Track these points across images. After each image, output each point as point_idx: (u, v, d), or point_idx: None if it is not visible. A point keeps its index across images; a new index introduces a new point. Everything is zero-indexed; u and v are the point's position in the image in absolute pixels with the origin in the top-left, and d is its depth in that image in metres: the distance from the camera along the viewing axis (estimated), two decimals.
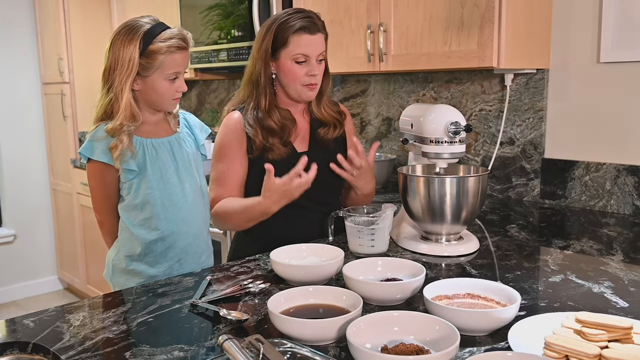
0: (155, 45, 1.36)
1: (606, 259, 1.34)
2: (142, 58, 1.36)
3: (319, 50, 1.54)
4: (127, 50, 1.36)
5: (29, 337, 0.99)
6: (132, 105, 1.38)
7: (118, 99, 1.37)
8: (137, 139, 1.42)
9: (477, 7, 1.71)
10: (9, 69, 3.79)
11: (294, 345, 0.85)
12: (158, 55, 1.37)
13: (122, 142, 1.37)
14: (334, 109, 1.67)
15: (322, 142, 1.63)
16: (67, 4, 3.52)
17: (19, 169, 3.87)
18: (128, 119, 1.38)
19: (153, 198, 1.43)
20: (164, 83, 1.40)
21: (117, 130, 1.37)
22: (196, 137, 1.56)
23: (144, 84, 1.40)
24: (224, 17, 2.65)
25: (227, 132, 1.58)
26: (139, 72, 1.37)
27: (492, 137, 2.10)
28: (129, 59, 1.35)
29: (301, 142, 1.63)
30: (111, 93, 1.38)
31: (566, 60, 1.90)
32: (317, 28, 1.54)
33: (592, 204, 1.86)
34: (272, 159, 1.53)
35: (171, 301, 1.14)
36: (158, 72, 1.39)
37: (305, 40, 1.52)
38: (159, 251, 1.46)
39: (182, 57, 1.41)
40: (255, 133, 1.54)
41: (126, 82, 1.36)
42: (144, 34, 1.36)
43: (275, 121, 1.56)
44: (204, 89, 3.53)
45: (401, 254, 1.41)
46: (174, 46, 1.38)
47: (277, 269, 1.21)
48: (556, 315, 0.96)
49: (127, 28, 1.39)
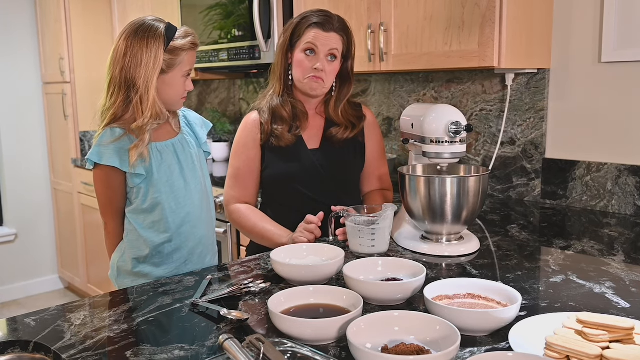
0: (179, 42, 1.40)
1: (607, 259, 1.34)
2: (165, 54, 1.38)
3: (329, 46, 1.58)
4: (151, 48, 1.36)
5: (30, 336, 0.99)
6: (158, 102, 1.39)
7: (143, 98, 1.37)
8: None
9: (478, 6, 1.71)
10: (10, 68, 3.79)
11: (295, 345, 0.85)
12: (181, 51, 1.40)
13: (144, 142, 1.37)
14: (352, 112, 1.69)
15: (333, 141, 1.66)
16: (68, 4, 3.53)
17: (20, 168, 3.87)
18: (154, 117, 1.39)
19: (161, 202, 1.43)
20: (181, 80, 1.43)
21: (142, 130, 1.37)
22: (197, 135, 1.56)
23: (161, 82, 1.41)
24: (224, 17, 2.65)
25: (244, 130, 1.68)
26: (162, 69, 1.38)
27: (492, 137, 2.09)
28: (155, 55, 1.36)
29: (313, 139, 1.67)
30: (133, 93, 1.37)
31: (567, 60, 1.90)
32: (332, 27, 1.59)
33: (594, 204, 1.86)
34: (277, 145, 1.62)
35: (172, 300, 1.14)
36: (177, 69, 1.41)
37: (316, 34, 1.59)
38: (166, 253, 1.46)
39: (194, 56, 1.46)
40: (267, 119, 1.64)
41: (152, 79, 1.37)
42: (165, 31, 1.38)
43: (287, 110, 1.64)
44: (205, 89, 3.53)
45: (401, 254, 1.41)
46: (193, 43, 1.43)
47: (278, 268, 1.21)
48: (557, 316, 0.96)
49: (144, 28, 1.38)
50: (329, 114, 1.68)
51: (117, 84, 1.39)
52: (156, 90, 1.39)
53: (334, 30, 1.59)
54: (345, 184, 1.69)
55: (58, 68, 3.64)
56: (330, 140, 1.66)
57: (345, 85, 1.68)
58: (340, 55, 1.62)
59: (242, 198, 1.67)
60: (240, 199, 1.67)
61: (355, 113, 1.70)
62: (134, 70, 1.36)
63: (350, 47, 1.64)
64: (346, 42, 1.63)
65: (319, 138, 1.67)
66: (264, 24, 2.40)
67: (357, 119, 1.69)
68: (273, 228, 1.58)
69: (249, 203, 1.68)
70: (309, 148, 1.65)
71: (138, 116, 1.38)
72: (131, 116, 1.39)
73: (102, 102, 1.42)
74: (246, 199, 1.68)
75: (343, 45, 1.62)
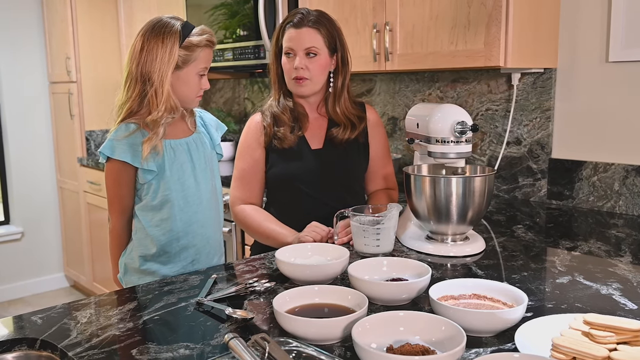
0: (194, 38, 1.41)
1: (614, 260, 1.33)
2: (180, 50, 1.39)
3: (304, 44, 1.58)
4: (167, 43, 1.38)
5: (37, 333, 1.00)
6: (172, 96, 1.41)
7: (158, 92, 1.39)
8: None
9: (484, 5, 1.70)
10: (17, 68, 3.81)
11: (300, 345, 0.85)
12: (197, 47, 1.41)
13: (158, 135, 1.39)
14: (351, 111, 1.67)
15: (335, 141, 1.65)
16: (75, 4, 3.54)
17: (26, 167, 3.89)
18: (169, 111, 1.40)
19: (171, 199, 1.43)
20: (195, 78, 1.44)
21: (156, 123, 1.39)
22: (212, 136, 1.57)
23: (176, 78, 1.41)
24: (229, 17, 2.65)
25: (248, 132, 1.69)
26: (177, 65, 1.40)
27: (498, 136, 2.09)
28: (170, 50, 1.38)
29: (317, 140, 1.67)
30: (148, 87, 1.39)
31: (574, 59, 1.89)
32: (304, 22, 1.58)
33: (600, 205, 1.85)
34: (280, 147, 1.63)
35: (177, 299, 1.14)
36: (192, 66, 1.42)
37: (290, 34, 1.60)
38: (174, 252, 1.47)
39: (210, 54, 1.46)
40: (269, 122, 1.65)
41: (167, 74, 1.38)
42: (181, 28, 1.40)
43: (286, 115, 1.65)
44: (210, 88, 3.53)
45: (406, 254, 1.41)
46: (210, 41, 1.44)
47: (283, 268, 1.21)
48: (564, 317, 0.95)
49: (160, 24, 1.41)
50: (330, 112, 1.67)
51: (133, 79, 1.41)
52: (171, 86, 1.41)
53: (308, 26, 1.58)
54: (349, 184, 1.69)
55: (64, 67, 3.66)
56: (332, 140, 1.65)
57: (338, 79, 1.65)
58: (323, 49, 1.59)
59: (247, 199, 1.68)
60: (246, 200, 1.68)
61: (356, 112, 1.68)
62: (150, 65, 1.39)
63: (333, 39, 1.61)
64: (326, 34, 1.60)
65: (321, 138, 1.67)
66: (269, 24, 2.40)
67: (357, 119, 1.67)
68: (278, 227, 1.59)
69: (254, 204, 1.68)
70: (312, 148, 1.65)
71: (153, 109, 1.40)
72: (146, 111, 1.41)
73: (118, 97, 1.45)
74: (251, 200, 1.68)
75: (323, 39, 1.59)
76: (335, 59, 1.64)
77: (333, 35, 1.61)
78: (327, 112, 1.68)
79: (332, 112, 1.66)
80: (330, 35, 1.60)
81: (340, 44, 1.63)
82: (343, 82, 1.65)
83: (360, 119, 1.69)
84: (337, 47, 1.63)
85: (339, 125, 1.66)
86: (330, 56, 1.62)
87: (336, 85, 1.65)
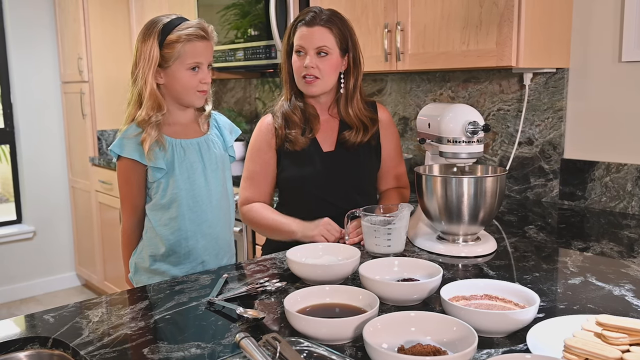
0: (174, 35, 1.40)
1: (627, 261, 1.32)
2: (162, 49, 1.39)
3: (315, 43, 1.57)
4: (148, 43, 1.39)
5: (49, 332, 1.01)
6: (157, 94, 1.41)
7: (142, 92, 1.41)
8: (166, 139, 1.44)
9: (496, 5, 1.69)
10: (30, 68, 3.84)
11: (311, 344, 0.85)
12: (176, 44, 1.39)
13: (150, 135, 1.39)
14: (363, 113, 1.65)
15: (347, 144, 1.64)
16: (87, 4, 3.56)
17: (38, 166, 3.93)
18: (153, 109, 1.40)
19: (179, 198, 1.44)
20: (186, 73, 1.42)
21: (145, 122, 1.40)
22: (225, 139, 1.57)
23: (166, 75, 1.42)
24: (240, 17, 2.66)
25: (259, 134, 1.68)
26: (160, 64, 1.40)
27: (510, 137, 2.07)
28: (150, 50, 1.39)
29: (328, 142, 1.66)
30: (137, 86, 1.42)
31: (586, 59, 1.88)
32: (316, 21, 1.57)
33: (613, 205, 1.83)
34: (292, 150, 1.62)
35: (188, 299, 1.15)
36: (178, 62, 1.41)
37: (301, 32, 1.59)
38: (183, 253, 1.47)
39: (202, 47, 1.42)
40: (280, 123, 1.64)
41: (148, 73, 1.39)
42: (162, 26, 1.40)
43: (297, 114, 1.64)
44: (221, 88, 3.55)
45: (417, 254, 1.41)
46: (193, 34, 1.40)
47: (294, 267, 1.21)
48: (576, 318, 0.95)
49: (147, 24, 1.43)
50: (342, 114, 1.65)
51: (132, 80, 1.44)
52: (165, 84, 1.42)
53: (320, 25, 1.56)
54: (361, 187, 1.68)
55: (76, 67, 3.68)
56: (344, 143, 1.64)
57: (349, 80, 1.63)
58: (334, 49, 1.58)
59: (256, 200, 1.67)
60: (255, 201, 1.67)
61: (368, 114, 1.66)
62: (135, 67, 1.42)
63: (345, 39, 1.60)
64: (338, 34, 1.58)
65: (333, 141, 1.66)
66: (280, 24, 2.40)
67: (370, 121, 1.65)
68: (280, 217, 1.59)
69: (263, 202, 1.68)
70: (324, 151, 1.64)
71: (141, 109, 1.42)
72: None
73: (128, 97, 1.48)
74: (261, 201, 1.68)
75: (334, 38, 1.57)
76: (346, 59, 1.63)
77: (345, 35, 1.60)
78: (339, 113, 1.67)
79: (344, 114, 1.65)
80: (342, 35, 1.59)
81: (352, 45, 1.62)
82: (355, 84, 1.64)
83: (373, 120, 1.67)
84: (348, 48, 1.61)
85: (351, 128, 1.64)
86: (342, 56, 1.61)
87: (348, 87, 1.64)
